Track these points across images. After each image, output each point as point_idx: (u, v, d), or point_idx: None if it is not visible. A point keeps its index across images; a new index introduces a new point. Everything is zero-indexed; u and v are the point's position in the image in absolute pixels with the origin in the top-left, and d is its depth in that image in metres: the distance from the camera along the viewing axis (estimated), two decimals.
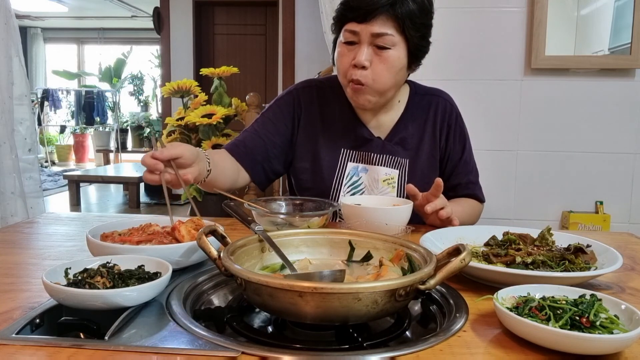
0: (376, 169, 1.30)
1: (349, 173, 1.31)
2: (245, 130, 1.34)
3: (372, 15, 1.12)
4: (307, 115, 1.34)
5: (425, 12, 1.17)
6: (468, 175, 1.36)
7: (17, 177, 2.11)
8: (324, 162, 1.31)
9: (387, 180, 1.29)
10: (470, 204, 1.35)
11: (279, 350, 0.56)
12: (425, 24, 1.19)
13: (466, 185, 1.35)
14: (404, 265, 0.75)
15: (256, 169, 1.30)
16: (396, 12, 1.12)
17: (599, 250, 0.86)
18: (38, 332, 0.62)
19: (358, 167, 1.31)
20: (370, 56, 1.16)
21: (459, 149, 1.35)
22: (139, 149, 8.64)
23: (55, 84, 9.06)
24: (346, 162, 1.31)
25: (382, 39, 1.14)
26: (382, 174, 1.30)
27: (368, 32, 1.14)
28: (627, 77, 2.13)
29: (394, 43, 1.15)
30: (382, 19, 1.13)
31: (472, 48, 2.17)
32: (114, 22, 8.94)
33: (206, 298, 0.76)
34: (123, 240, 0.82)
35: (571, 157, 2.19)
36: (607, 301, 0.62)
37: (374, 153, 1.30)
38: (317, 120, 1.33)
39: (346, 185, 1.30)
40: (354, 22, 1.15)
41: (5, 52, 2.07)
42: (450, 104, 1.36)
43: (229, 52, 5.42)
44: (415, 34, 1.16)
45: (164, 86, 2.55)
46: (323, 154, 1.32)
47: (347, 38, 1.18)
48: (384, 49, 1.15)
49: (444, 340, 0.59)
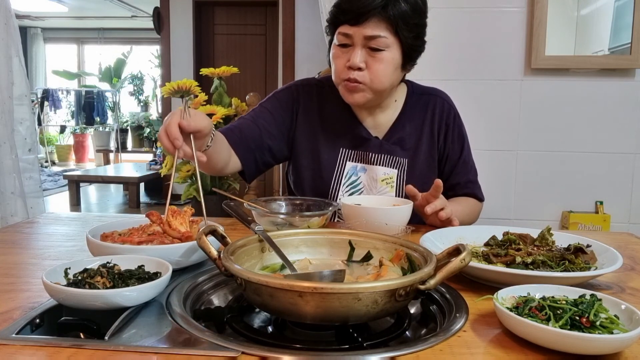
0: (375, 168, 1.30)
1: (348, 172, 1.31)
2: (242, 117, 1.31)
3: (364, 17, 1.12)
4: (306, 112, 1.33)
5: (418, 12, 1.17)
6: (467, 175, 1.36)
7: (17, 177, 2.11)
8: (324, 161, 1.31)
9: (386, 180, 1.29)
10: (470, 203, 1.35)
11: (279, 350, 0.56)
12: (418, 24, 1.18)
13: (465, 184, 1.35)
14: (404, 265, 0.75)
15: (248, 157, 1.26)
16: (388, 13, 1.12)
17: (599, 250, 0.86)
18: (38, 332, 0.62)
19: (357, 167, 1.31)
20: (365, 58, 1.16)
21: (457, 148, 1.35)
22: (139, 149, 8.63)
23: (55, 84, 9.06)
24: (345, 162, 1.31)
25: (376, 41, 1.14)
26: (380, 174, 1.30)
27: (361, 35, 1.14)
28: (627, 77, 2.13)
29: (388, 45, 1.15)
30: (375, 21, 1.13)
31: (472, 48, 2.17)
32: (114, 22, 8.94)
33: (206, 298, 0.76)
34: (123, 241, 0.82)
35: (571, 157, 2.19)
36: (607, 301, 0.62)
37: (372, 153, 1.30)
38: (316, 118, 1.33)
39: (345, 184, 1.30)
40: (346, 24, 1.15)
41: (5, 52, 2.07)
42: (448, 103, 1.36)
43: (229, 52, 5.42)
44: (409, 35, 1.16)
45: (164, 86, 2.55)
46: (322, 152, 1.32)
47: (340, 41, 1.18)
48: (378, 50, 1.15)
49: (444, 340, 0.59)
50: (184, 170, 2.51)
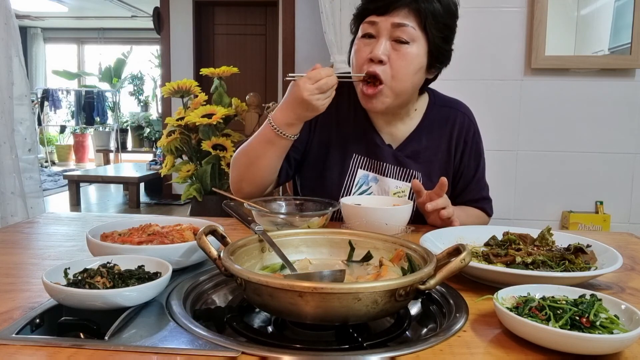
0: (387, 180, 1.25)
1: (359, 181, 1.26)
2: None
3: (394, 6, 1.10)
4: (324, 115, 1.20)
5: (449, 14, 1.14)
6: (480, 192, 1.32)
7: (17, 177, 2.11)
8: (334, 165, 1.27)
9: (398, 194, 1.25)
10: (477, 213, 1.32)
11: (279, 350, 0.56)
12: (448, 25, 1.15)
13: (476, 201, 1.32)
14: (404, 265, 0.75)
15: (281, 173, 1.26)
16: (419, 6, 1.10)
17: (599, 250, 0.85)
18: (38, 332, 0.62)
19: (368, 176, 1.26)
20: (389, 51, 1.12)
21: (473, 166, 1.30)
22: (139, 149, 8.64)
23: (55, 84, 9.06)
24: (356, 169, 1.26)
25: (402, 30, 1.10)
26: (392, 187, 1.25)
27: (388, 23, 1.11)
28: (627, 77, 2.13)
29: (414, 38, 1.11)
30: (405, 12, 1.11)
31: (472, 48, 2.17)
32: (114, 22, 8.94)
33: (206, 298, 0.76)
34: (123, 241, 0.82)
35: (571, 157, 2.19)
36: (607, 301, 0.62)
37: (385, 163, 1.25)
38: (333, 120, 1.28)
39: (355, 193, 1.25)
40: (374, 14, 1.13)
41: (5, 52, 2.07)
42: (469, 118, 1.31)
43: (229, 52, 5.42)
44: (437, 34, 1.13)
45: (164, 86, 2.56)
46: (333, 156, 1.27)
47: (365, 30, 1.14)
48: (403, 43, 1.11)
49: (444, 340, 0.59)
50: (184, 170, 2.52)
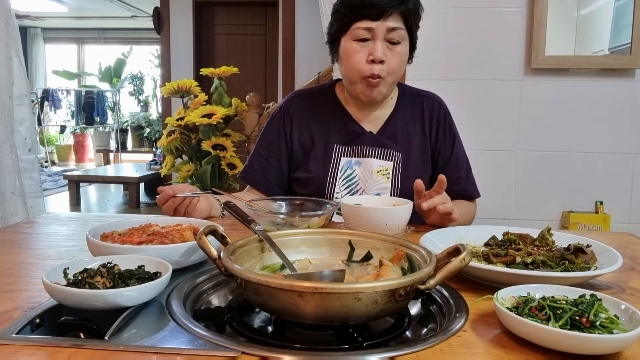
0: (369, 161, 1.33)
1: (343, 167, 1.34)
2: (252, 155, 1.41)
3: (388, 12, 1.20)
4: (298, 121, 1.39)
5: (421, 10, 1.29)
6: (459, 171, 1.38)
7: (17, 177, 2.11)
8: (318, 159, 1.35)
9: (381, 172, 1.32)
10: (465, 205, 1.37)
11: (279, 350, 0.56)
12: (419, 20, 1.29)
13: (457, 180, 1.37)
14: (404, 265, 0.75)
15: (272, 189, 1.38)
16: (405, 8, 1.22)
17: (599, 250, 0.85)
18: (38, 332, 0.62)
19: (351, 161, 1.34)
20: (385, 51, 1.23)
21: (449, 144, 1.39)
22: (139, 149, 8.64)
23: (55, 84, 9.06)
24: (339, 157, 1.35)
25: (396, 33, 1.22)
26: (375, 166, 1.33)
27: (384, 28, 1.21)
28: (627, 77, 2.13)
29: (403, 37, 1.24)
30: (396, 17, 1.22)
31: (472, 48, 2.17)
32: (114, 22, 8.94)
33: (206, 298, 0.76)
34: (123, 241, 0.82)
35: (571, 157, 2.19)
36: (607, 301, 0.62)
37: (366, 146, 1.34)
38: (309, 122, 1.38)
39: (341, 179, 1.33)
40: (367, 19, 1.21)
41: (5, 52, 2.07)
42: (438, 102, 1.42)
43: (229, 52, 5.42)
44: (415, 29, 1.28)
45: (164, 86, 2.56)
46: (317, 151, 1.36)
47: (361, 35, 1.23)
48: (395, 43, 1.23)
49: (444, 340, 0.59)
50: (184, 170, 2.52)
